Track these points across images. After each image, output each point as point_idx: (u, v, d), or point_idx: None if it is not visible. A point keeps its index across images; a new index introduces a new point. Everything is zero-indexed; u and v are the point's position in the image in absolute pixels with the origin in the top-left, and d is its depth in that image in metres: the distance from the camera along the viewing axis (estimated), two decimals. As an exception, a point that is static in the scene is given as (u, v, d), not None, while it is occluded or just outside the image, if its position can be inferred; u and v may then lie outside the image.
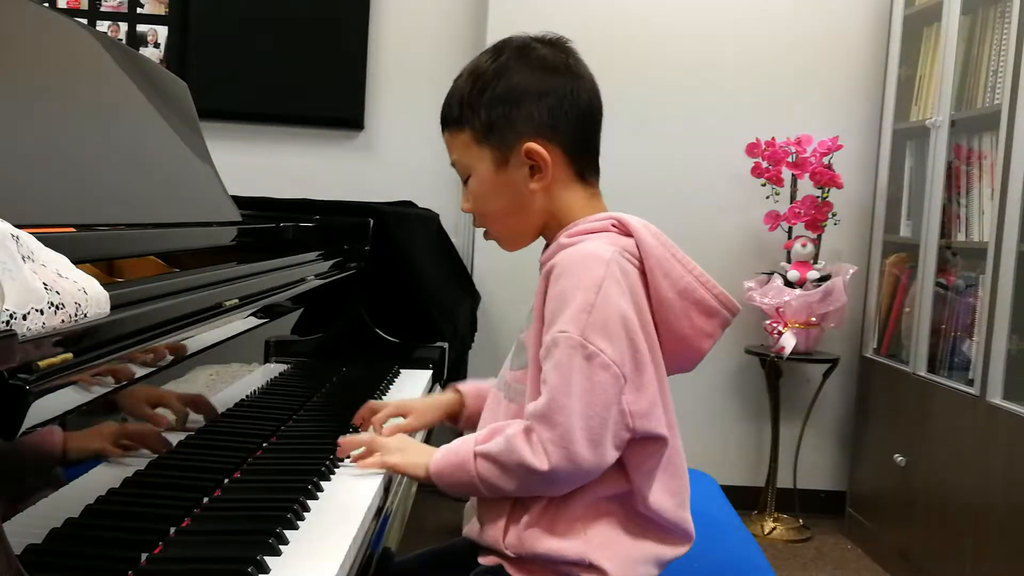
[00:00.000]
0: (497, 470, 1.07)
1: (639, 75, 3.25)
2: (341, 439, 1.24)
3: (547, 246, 1.20)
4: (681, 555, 1.15)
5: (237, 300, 1.24)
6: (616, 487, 1.10)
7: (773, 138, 3.11)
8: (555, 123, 1.15)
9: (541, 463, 1.03)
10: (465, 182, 1.20)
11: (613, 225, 1.13)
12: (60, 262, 0.78)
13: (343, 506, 1.07)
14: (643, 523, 1.12)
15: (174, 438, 1.07)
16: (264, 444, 1.29)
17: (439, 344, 2.13)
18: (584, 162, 1.18)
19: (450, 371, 2.16)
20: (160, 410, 1.04)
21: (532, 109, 1.14)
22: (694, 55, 3.27)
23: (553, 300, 1.08)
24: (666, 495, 1.12)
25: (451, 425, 1.39)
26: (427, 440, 1.45)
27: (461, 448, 1.11)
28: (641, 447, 1.09)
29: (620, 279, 1.07)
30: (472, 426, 1.27)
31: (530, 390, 1.11)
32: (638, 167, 3.22)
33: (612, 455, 1.05)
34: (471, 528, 1.21)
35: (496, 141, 1.15)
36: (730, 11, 3.27)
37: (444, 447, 1.15)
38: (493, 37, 3.20)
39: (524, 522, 1.11)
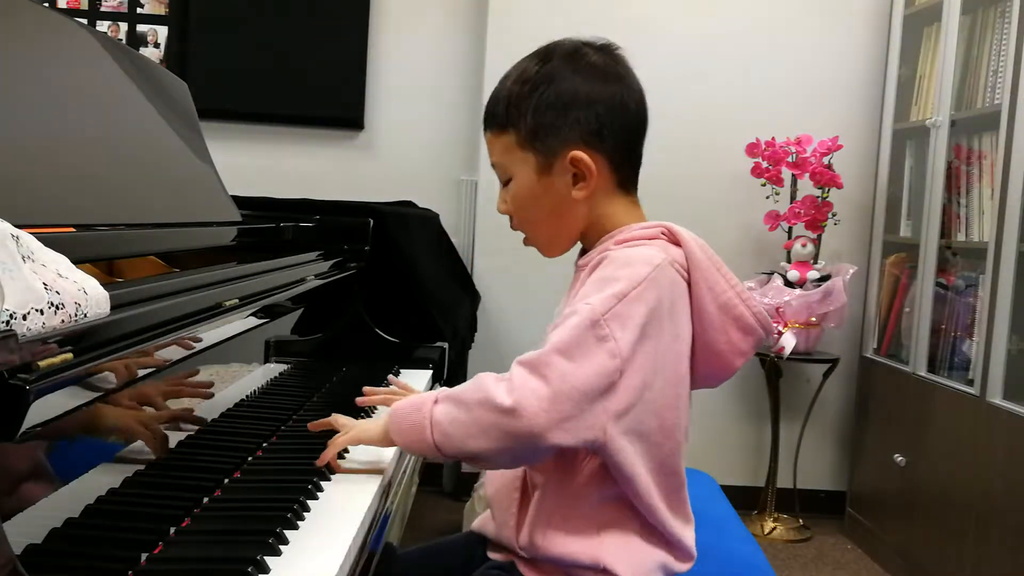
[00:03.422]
0: (455, 411, 1.03)
1: (639, 75, 3.24)
2: (310, 425, 1.24)
3: (583, 251, 1.18)
4: (685, 571, 1.14)
5: (237, 300, 1.24)
6: (612, 487, 1.09)
7: (773, 138, 3.11)
8: (602, 132, 1.13)
9: (505, 397, 0.98)
10: (505, 184, 1.18)
11: (663, 233, 1.12)
12: (60, 262, 0.78)
13: (343, 506, 1.07)
14: (655, 531, 1.11)
15: (174, 438, 1.07)
16: (264, 444, 1.29)
17: (439, 344, 2.13)
18: (626, 172, 1.17)
19: (450, 371, 2.16)
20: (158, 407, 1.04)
21: (580, 116, 1.12)
22: (694, 55, 3.27)
23: (591, 283, 1.06)
24: (671, 516, 1.11)
25: None
26: None
27: (425, 394, 1.10)
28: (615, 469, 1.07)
29: (665, 287, 1.06)
30: None
31: None
32: (638, 167, 3.22)
33: (565, 438, 0.98)
34: (483, 523, 1.20)
35: (541, 146, 1.13)
36: (730, 11, 3.27)
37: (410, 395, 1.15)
38: (493, 37, 3.24)
39: (536, 522, 1.10)
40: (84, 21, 2.25)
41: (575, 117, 1.12)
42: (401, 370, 2.01)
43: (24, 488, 0.76)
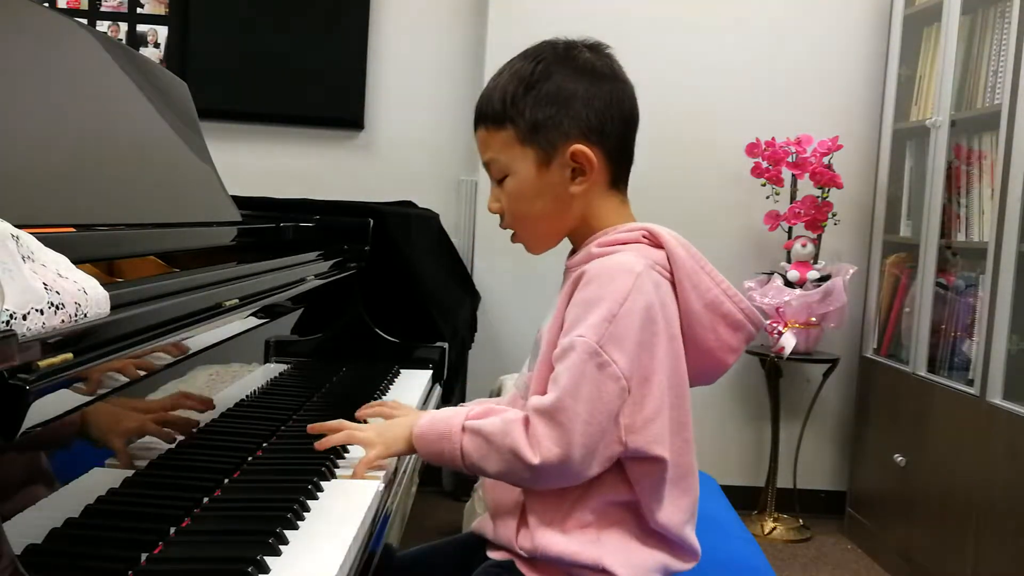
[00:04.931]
0: (484, 448, 1.07)
1: (638, 75, 3.23)
2: (314, 433, 1.21)
3: (573, 251, 1.19)
4: (688, 570, 1.15)
5: (237, 300, 1.24)
6: (620, 494, 1.10)
7: (773, 138, 3.11)
8: (601, 127, 1.14)
9: (532, 456, 1.03)
10: (499, 182, 1.18)
11: (644, 236, 1.13)
12: (60, 262, 0.78)
13: (343, 506, 1.07)
14: (654, 533, 1.12)
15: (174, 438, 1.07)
16: (264, 444, 1.29)
17: (439, 344, 2.13)
18: (621, 169, 1.19)
19: (450, 371, 2.16)
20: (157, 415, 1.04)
21: (579, 111, 1.13)
22: (694, 55, 3.27)
23: (577, 305, 1.07)
24: (675, 512, 1.12)
25: None
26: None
27: (450, 418, 1.11)
28: (638, 464, 1.08)
29: (650, 292, 1.06)
30: None
31: (534, 385, 1.11)
32: (638, 167, 3.21)
33: (598, 467, 1.05)
34: (482, 525, 1.20)
35: (541, 141, 1.13)
36: (730, 11, 3.27)
37: (431, 412, 1.15)
38: (493, 37, 3.24)
39: (535, 524, 1.11)
40: (84, 21, 2.25)
41: (575, 112, 1.13)
42: (401, 370, 2.01)
43: (24, 488, 0.76)
